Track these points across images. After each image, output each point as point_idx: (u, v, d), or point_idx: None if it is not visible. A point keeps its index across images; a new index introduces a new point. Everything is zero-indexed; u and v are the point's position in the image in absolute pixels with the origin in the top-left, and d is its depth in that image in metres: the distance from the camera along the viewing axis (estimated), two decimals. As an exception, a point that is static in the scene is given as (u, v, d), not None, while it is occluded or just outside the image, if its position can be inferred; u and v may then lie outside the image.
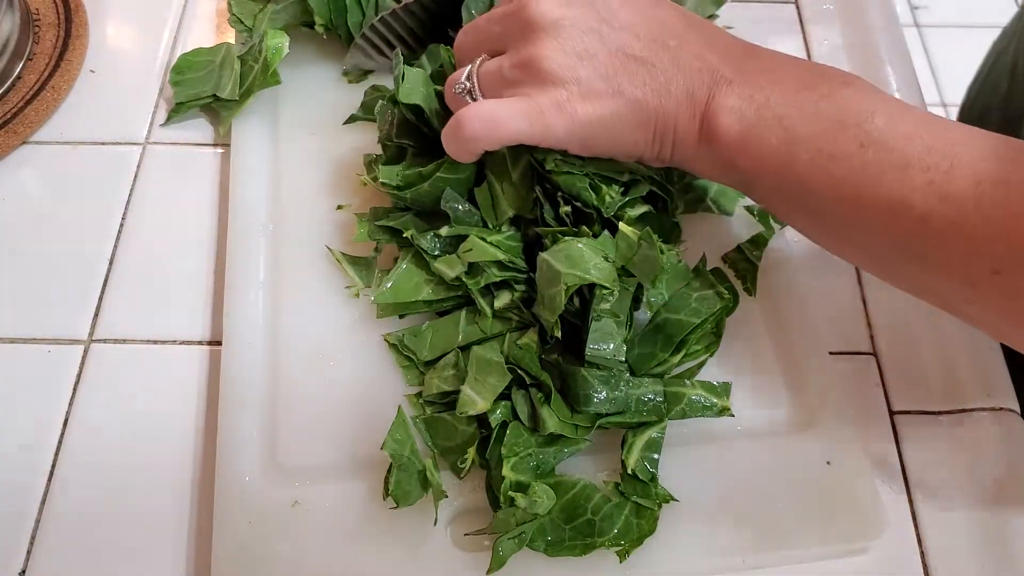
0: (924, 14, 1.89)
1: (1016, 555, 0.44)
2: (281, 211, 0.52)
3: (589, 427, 0.42)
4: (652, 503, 0.41)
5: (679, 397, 0.44)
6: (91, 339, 0.49)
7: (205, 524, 0.43)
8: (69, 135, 0.58)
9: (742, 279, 0.50)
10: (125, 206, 0.55)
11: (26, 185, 0.56)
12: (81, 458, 0.46)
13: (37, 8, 0.62)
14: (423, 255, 0.47)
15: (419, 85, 0.47)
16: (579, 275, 0.41)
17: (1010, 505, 0.45)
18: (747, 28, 0.62)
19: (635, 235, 0.42)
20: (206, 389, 0.48)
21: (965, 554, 0.44)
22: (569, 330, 0.44)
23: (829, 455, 0.44)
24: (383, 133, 0.49)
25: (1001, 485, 0.46)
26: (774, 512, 0.43)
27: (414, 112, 0.48)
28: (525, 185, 0.46)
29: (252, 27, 0.58)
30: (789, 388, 0.47)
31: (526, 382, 0.44)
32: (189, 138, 0.58)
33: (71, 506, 0.44)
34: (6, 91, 0.58)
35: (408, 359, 0.46)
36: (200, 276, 0.52)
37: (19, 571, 0.43)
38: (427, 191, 0.47)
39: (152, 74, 0.61)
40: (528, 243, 0.47)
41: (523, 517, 0.39)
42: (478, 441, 0.43)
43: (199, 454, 0.46)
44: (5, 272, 0.52)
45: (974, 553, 0.44)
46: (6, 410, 0.47)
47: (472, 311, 0.46)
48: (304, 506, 0.42)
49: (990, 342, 0.50)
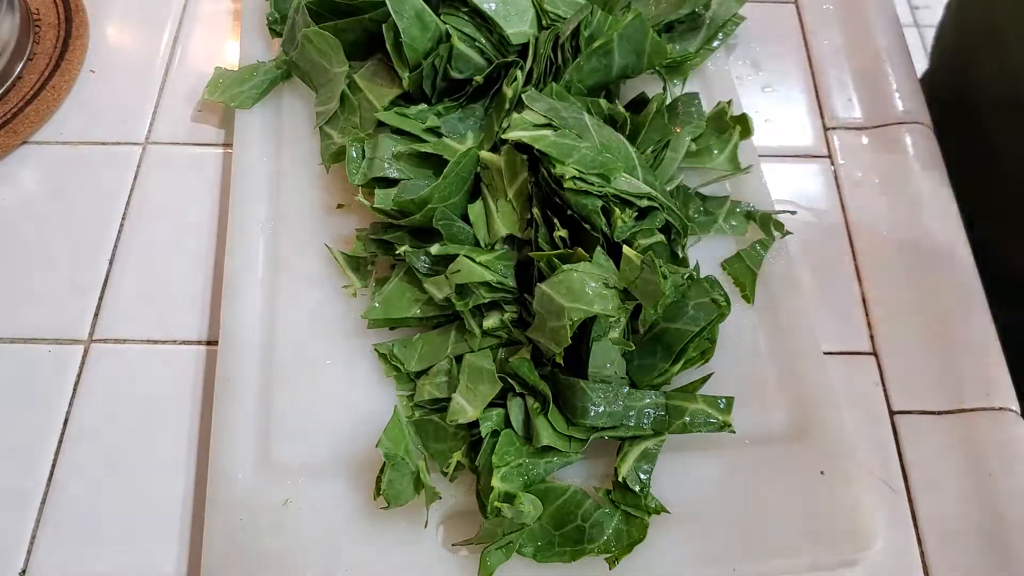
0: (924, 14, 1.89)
1: (1016, 555, 0.44)
2: (281, 210, 0.52)
3: (583, 440, 0.42)
4: (642, 513, 0.41)
5: (681, 411, 0.43)
6: (91, 339, 0.49)
7: (199, 521, 0.44)
8: (69, 135, 0.58)
9: (741, 286, 0.50)
10: (125, 206, 0.55)
11: (26, 185, 0.56)
12: (81, 458, 0.46)
13: (37, 8, 0.62)
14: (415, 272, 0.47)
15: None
16: (583, 308, 0.41)
17: (1010, 505, 0.45)
18: (747, 28, 0.63)
19: (638, 259, 0.42)
20: (203, 388, 0.48)
21: (965, 554, 0.44)
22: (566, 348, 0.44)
23: (823, 464, 0.44)
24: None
25: (1001, 485, 0.46)
26: (767, 521, 0.43)
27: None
28: (521, 203, 0.46)
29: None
30: (786, 395, 0.47)
31: (518, 391, 0.44)
32: (189, 138, 0.58)
33: (71, 506, 0.44)
34: (6, 91, 0.58)
35: (396, 369, 0.46)
36: (200, 276, 0.52)
37: (19, 571, 0.43)
38: (419, 220, 0.47)
39: (152, 74, 0.61)
40: (521, 262, 0.46)
41: (510, 527, 0.39)
42: (468, 444, 0.43)
43: (195, 452, 0.46)
44: (5, 272, 0.52)
45: (974, 553, 0.44)
46: (6, 410, 0.47)
47: (462, 327, 0.46)
48: (295, 504, 0.43)
49: (990, 342, 0.50)
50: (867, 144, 0.59)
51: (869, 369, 0.50)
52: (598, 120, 0.49)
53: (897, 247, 0.54)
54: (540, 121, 0.47)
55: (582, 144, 0.45)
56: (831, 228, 0.56)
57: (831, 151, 0.59)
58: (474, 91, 0.53)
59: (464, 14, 0.53)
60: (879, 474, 0.47)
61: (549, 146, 0.45)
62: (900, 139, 0.59)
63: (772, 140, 0.59)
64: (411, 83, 0.52)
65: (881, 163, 0.58)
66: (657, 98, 0.52)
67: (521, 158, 0.47)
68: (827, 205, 0.57)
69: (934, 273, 0.53)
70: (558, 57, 0.52)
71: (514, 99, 0.50)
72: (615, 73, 0.52)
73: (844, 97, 0.62)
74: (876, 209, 0.56)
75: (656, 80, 0.56)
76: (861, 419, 0.48)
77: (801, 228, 0.54)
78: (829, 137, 0.60)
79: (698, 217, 0.51)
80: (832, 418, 0.46)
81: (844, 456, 0.44)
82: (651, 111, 0.51)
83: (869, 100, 0.61)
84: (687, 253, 0.48)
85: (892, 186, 0.57)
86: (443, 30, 0.52)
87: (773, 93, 0.62)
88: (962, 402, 0.49)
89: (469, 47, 0.52)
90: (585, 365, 0.42)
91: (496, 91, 0.52)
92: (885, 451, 0.47)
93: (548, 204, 0.46)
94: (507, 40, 0.52)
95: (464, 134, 0.52)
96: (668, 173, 0.51)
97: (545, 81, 0.52)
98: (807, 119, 0.61)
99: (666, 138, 0.51)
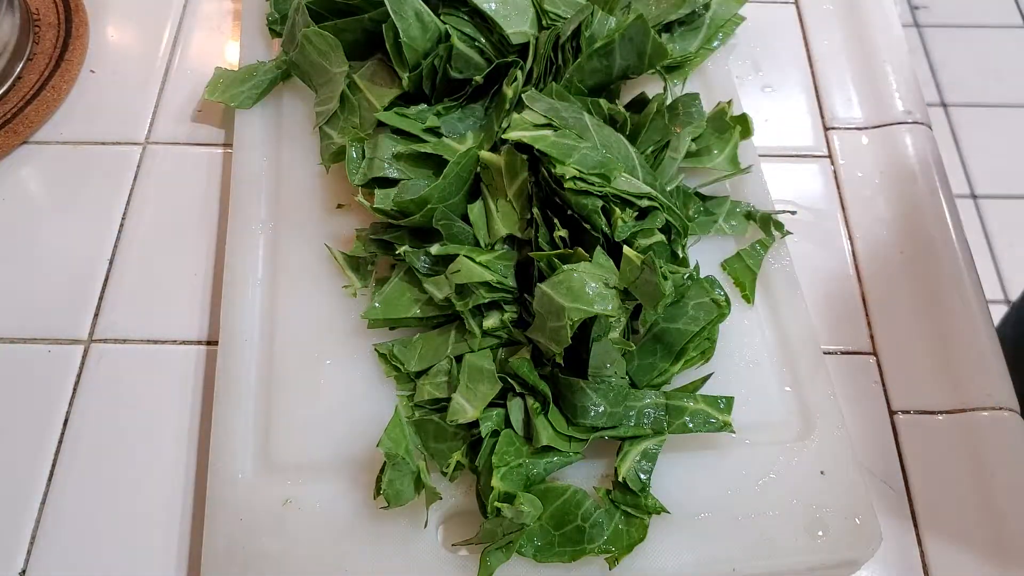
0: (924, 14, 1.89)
1: (1016, 555, 0.44)
2: (281, 209, 0.52)
3: (583, 440, 0.42)
4: (642, 513, 0.41)
5: (681, 411, 0.43)
6: (91, 339, 0.49)
7: (199, 521, 0.44)
8: (69, 135, 0.58)
9: (741, 286, 0.50)
10: (125, 206, 0.55)
11: (26, 185, 0.56)
12: (81, 458, 0.46)
13: (37, 8, 0.62)
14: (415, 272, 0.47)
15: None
16: (583, 309, 0.41)
17: (1010, 505, 0.45)
18: (748, 28, 0.63)
19: (638, 259, 0.42)
20: (203, 388, 0.48)
21: (965, 554, 0.44)
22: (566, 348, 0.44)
23: (823, 464, 0.44)
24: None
25: (1001, 485, 0.46)
26: (767, 521, 0.43)
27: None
28: (521, 203, 0.46)
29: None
30: (785, 395, 0.47)
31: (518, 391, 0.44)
32: (189, 138, 0.58)
33: (71, 506, 0.44)
34: (6, 91, 0.58)
35: (396, 369, 0.46)
36: (200, 276, 0.52)
37: (19, 571, 0.43)
38: (419, 220, 0.47)
39: (152, 74, 0.61)
40: (521, 262, 0.46)
41: (510, 527, 0.39)
42: (468, 444, 0.43)
43: (194, 452, 0.46)
44: (5, 272, 0.52)
45: (974, 553, 0.44)
46: (6, 410, 0.47)
47: (462, 327, 0.46)
48: (295, 504, 0.42)
49: (990, 342, 0.50)
50: (867, 144, 0.59)
51: (869, 369, 0.50)
52: (598, 120, 0.49)
53: (897, 247, 0.54)
54: (540, 121, 0.47)
55: (582, 144, 0.45)
56: (831, 228, 0.56)
57: (831, 151, 0.59)
58: (474, 91, 0.53)
59: (464, 14, 0.53)
60: (879, 474, 0.47)
61: (549, 146, 0.45)
62: (900, 139, 0.59)
63: (772, 140, 0.59)
64: (411, 83, 0.52)
65: (881, 163, 0.58)
66: (657, 98, 0.52)
67: (521, 158, 0.47)
68: (827, 205, 0.57)
69: (934, 273, 0.53)
70: (558, 57, 0.52)
71: (514, 99, 0.50)
72: (616, 74, 0.52)
73: (844, 97, 0.62)
74: (876, 209, 0.56)
75: (656, 80, 0.56)
76: (861, 419, 0.48)
77: (801, 228, 0.54)
78: (829, 137, 0.60)
79: (698, 217, 0.51)
80: (832, 418, 0.46)
81: (844, 456, 0.44)
82: (651, 111, 0.51)
83: (869, 100, 0.61)
84: (687, 253, 0.48)
85: (892, 186, 0.57)
86: (443, 30, 0.52)
87: (773, 93, 0.62)
88: (962, 402, 0.49)
89: (469, 47, 0.52)
90: (585, 365, 0.42)
91: (496, 91, 0.52)
92: (885, 451, 0.47)
93: (548, 204, 0.46)
94: (507, 40, 0.52)
95: (464, 134, 0.52)
96: (668, 173, 0.51)
97: (545, 81, 0.52)
98: (807, 119, 0.61)
99: (666, 138, 0.51)
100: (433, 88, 0.53)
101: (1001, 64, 1.76)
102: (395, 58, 0.52)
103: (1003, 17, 1.85)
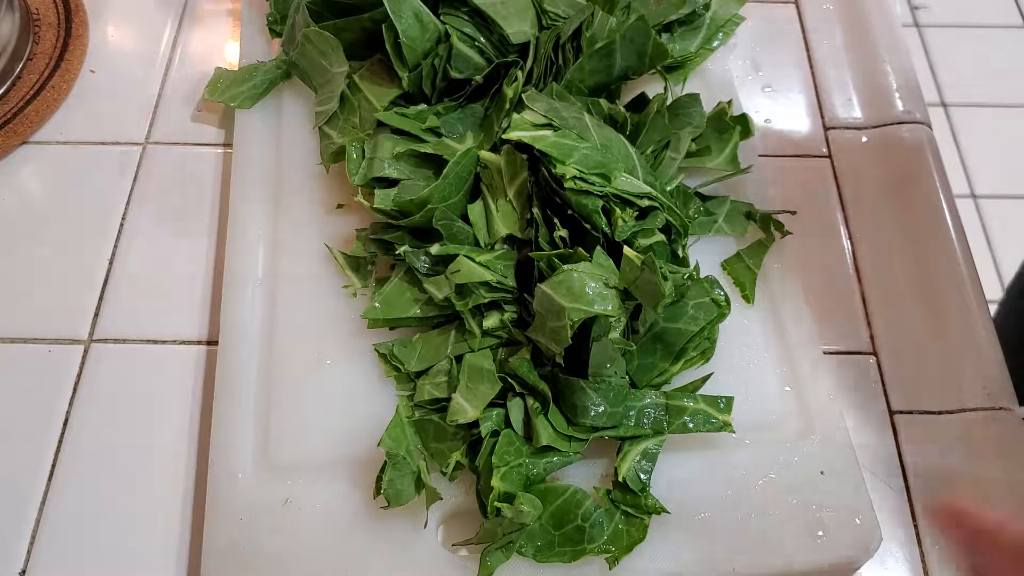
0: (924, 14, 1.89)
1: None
2: (281, 210, 0.52)
3: (583, 440, 0.42)
4: (642, 513, 0.41)
5: (681, 411, 0.43)
6: (91, 339, 0.49)
7: (199, 520, 0.44)
8: (69, 135, 0.58)
9: (741, 286, 0.50)
10: (125, 206, 0.55)
11: (26, 185, 0.56)
12: (81, 458, 0.46)
13: (37, 8, 0.62)
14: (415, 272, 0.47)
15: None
16: (583, 309, 0.41)
17: (1010, 505, 0.45)
18: (748, 28, 0.63)
19: (638, 259, 0.42)
20: (203, 388, 0.48)
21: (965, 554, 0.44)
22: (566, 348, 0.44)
23: (823, 464, 0.44)
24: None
25: (1001, 485, 0.46)
26: (767, 521, 0.43)
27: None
28: (521, 203, 0.46)
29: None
30: (785, 395, 0.47)
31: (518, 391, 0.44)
32: (189, 138, 0.58)
33: (71, 506, 0.44)
34: (6, 91, 0.58)
35: (396, 369, 0.46)
36: (199, 276, 0.52)
37: (19, 571, 0.43)
38: (419, 220, 0.47)
39: (152, 74, 0.61)
40: (521, 262, 0.46)
41: (510, 527, 0.39)
42: (467, 444, 0.43)
43: (194, 452, 0.46)
44: (5, 272, 0.52)
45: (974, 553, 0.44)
46: (6, 410, 0.47)
47: (462, 327, 0.46)
48: (295, 504, 0.43)
49: (990, 342, 0.50)
50: (867, 144, 0.59)
51: (869, 369, 0.50)
52: (598, 120, 0.49)
53: (897, 247, 0.54)
54: (540, 121, 0.47)
55: (582, 144, 0.45)
56: (831, 228, 0.56)
57: (831, 151, 0.59)
58: (474, 91, 0.53)
59: (464, 14, 0.53)
60: (879, 474, 0.47)
61: (549, 146, 0.45)
62: (900, 139, 0.59)
63: (772, 140, 0.59)
64: (411, 83, 0.52)
65: (881, 163, 0.58)
66: (658, 98, 0.52)
67: (521, 158, 0.47)
68: (827, 205, 0.57)
69: (934, 273, 0.53)
70: (559, 57, 0.52)
71: (514, 99, 0.50)
72: (616, 74, 0.52)
73: (844, 97, 0.62)
74: (876, 209, 0.56)
75: (656, 80, 0.56)
76: (861, 419, 0.48)
77: (801, 228, 0.54)
78: (829, 137, 0.60)
79: (698, 217, 0.51)
80: (832, 418, 0.46)
81: (844, 456, 0.44)
82: (651, 111, 0.51)
83: (869, 100, 0.61)
84: (687, 253, 0.48)
85: (892, 186, 0.57)
86: (442, 30, 0.52)
87: (773, 93, 0.62)
88: (962, 402, 0.49)
89: (469, 47, 0.52)
90: (585, 365, 0.42)
91: (496, 91, 0.52)
92: (885, 451, 0.47)
93: (548, 204, 0.46)
94: (507, 40, 0.52)
95: (464, 134, 0.52)
96: (668, 173, 0.51)
97: (545, 81, 0.52)
98: (807, 119, 0.61)
99: (666, 138, 0.51)
100: (433, 88, 0.53)
101: (1001, 64, 1.76)
102: (395, 58, 0.52)
103: (1003, 17, 1.85)
